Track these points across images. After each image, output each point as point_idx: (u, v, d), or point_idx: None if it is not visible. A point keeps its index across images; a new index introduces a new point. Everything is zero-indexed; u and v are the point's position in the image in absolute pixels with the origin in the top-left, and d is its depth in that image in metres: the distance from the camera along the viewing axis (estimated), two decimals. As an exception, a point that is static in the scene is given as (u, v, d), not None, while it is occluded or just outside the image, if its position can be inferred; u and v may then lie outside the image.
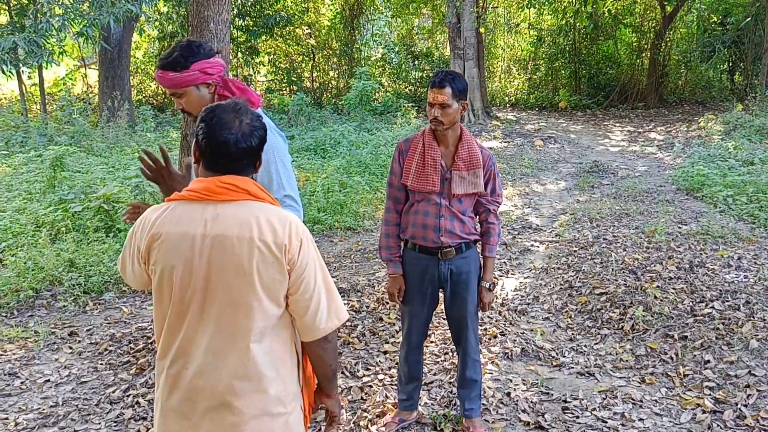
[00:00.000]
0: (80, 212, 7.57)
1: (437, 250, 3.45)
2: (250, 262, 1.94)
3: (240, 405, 1.99)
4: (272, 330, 2.02)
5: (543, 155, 13.08)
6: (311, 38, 22.90)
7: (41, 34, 13.96)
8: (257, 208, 1.99)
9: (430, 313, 3.67)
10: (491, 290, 3.60)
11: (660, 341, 4.72)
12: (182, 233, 1.97)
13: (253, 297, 1.96)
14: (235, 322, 1.98)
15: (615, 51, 21.73)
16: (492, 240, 3.55)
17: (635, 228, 7.43)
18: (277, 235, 1.96)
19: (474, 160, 3.39)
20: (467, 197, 3.43)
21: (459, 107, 3.31)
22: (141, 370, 4.51)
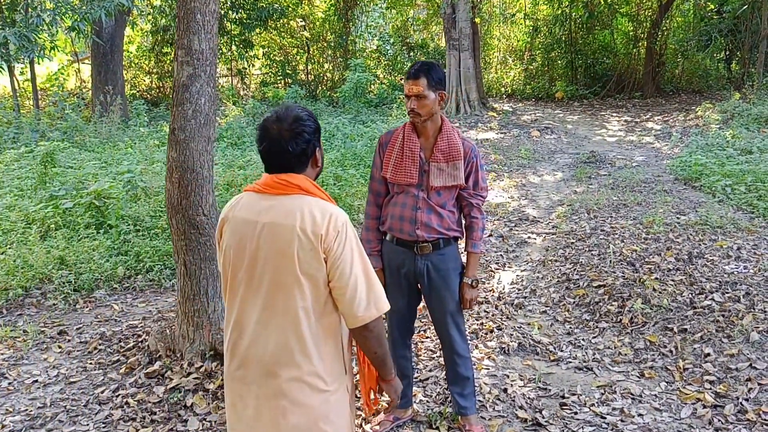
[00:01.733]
0: (71, 209, 7.47)
1: (413, 243, 3.37)
2: (291, 247, 2.17)
3: (282, 373, 2.23)
4: (315, 312, 2.22)
5: (540, 146, 12.98)
6: (306, 30, 22.74)
7: (32, 29, 13.83)
8: (305, 201, 2.22)
9: (411, 308, 3.59)
10: (474, 287, 3.48)
11: (659, 334, 4.64)
12: (243, 219, 2.27)
13: (294, 279, 2.18)
14: (279, 300, 2.21)
15: (611, 40, 21.57)
16: (475, 235, 3.46)
17: (633, 219, 7.35)
18: (315, 225, 2.16)
19: (454, 151, 3.31)
20: (446, 190, 3.35)
21: (436, 97, 3.24)
22: (131, 369, 4.42)
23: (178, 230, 4.36)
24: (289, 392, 2.23)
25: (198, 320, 4.43)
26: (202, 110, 4.28)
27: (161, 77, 21.57)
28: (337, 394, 2.31)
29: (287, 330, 2.21)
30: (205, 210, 4.35)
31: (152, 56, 21.43)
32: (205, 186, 4.35)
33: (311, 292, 2.20)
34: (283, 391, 2.23)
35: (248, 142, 13.00)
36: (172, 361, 4.42)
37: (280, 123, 2.26)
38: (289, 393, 2.23)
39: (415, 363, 4.47)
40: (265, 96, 19.78)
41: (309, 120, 2.29)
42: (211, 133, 4.37)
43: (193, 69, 4.26)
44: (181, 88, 4.26)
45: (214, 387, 4.10)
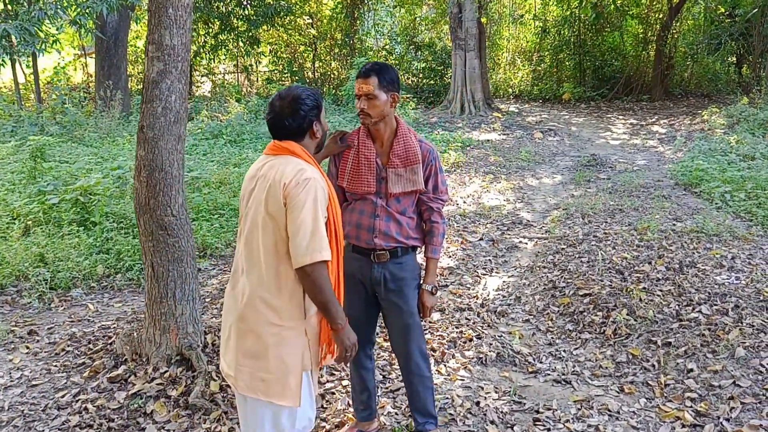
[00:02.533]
0: (57, 204, 7.37)
1: (370, 251, 3.22)
2: (264, 192, 2.60)
3: (244, 298, 2.66)
4: (278, 251, 2.59)
5: (541, 148, 12.80)
6: (312, 28, 22.63)
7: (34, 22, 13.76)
8: (289, 160, 2.65)
9: (369, 316, 3.41)
10: (433, 294, 3.34)
11: (642, 347, 4.47)
12: (249, 175, 2.76)
13: (262, 219, 2.60)
14: (253, 236, 2.65)
15: (620, 42, 21.35)
16: (435, 240, 3.31)
17: (628, 225, 7.17)
18: (284, 176, 2.56)
19: (411, 155, 3.16)
20: (406, 196, 3.21)
21: (388, 99, 3.08)
22: (95, 372, 4.30)
23: (146, 231, 4.23)
24: (247, 316, 2.64)
25: (165, 324, 4.31)
26: (172, 107, 4.15)
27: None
28: (290, 332, 2.63)
29: (254, 262, 2.64)
30: (174, 210, 4.22)
31: (159, 51, 21.30)
32: (175, 186, 4.22)
33: (274, 233, 2.58)
34: (243, 315, 2.64)
35: (247, 140, 12.89)
36: (137, 365, 4.30)
37: (282, 100, 2.71)
38: (247, 317, 2.64)
39: (387, 372, 4.33)
40: (269, 93, 19.66)
41: (308, 99, 2.70)
42: (181, 131, 4.24)
43: (164, 65, 4.12)
44: (151, 85, 4.12)
45: (177, 394, 3.97)
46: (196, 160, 10.42)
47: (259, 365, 2.64)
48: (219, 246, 6.79)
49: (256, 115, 16.05)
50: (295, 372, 2.66)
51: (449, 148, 11.93)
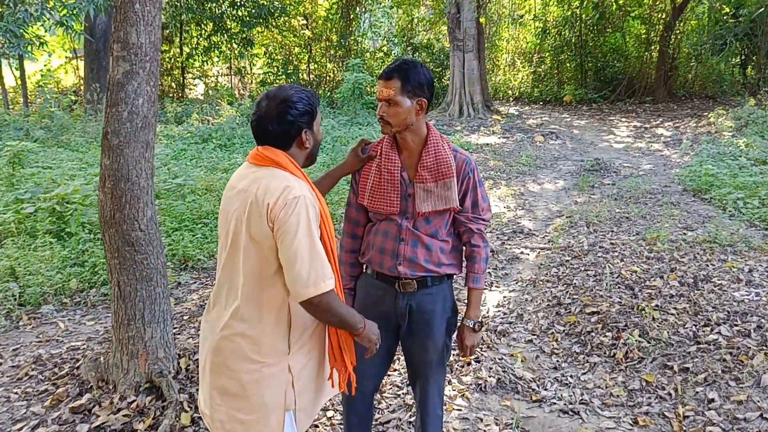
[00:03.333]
0: (33, 213, 6.99)
1: (395, 279, 2.77)
2: (246, 212, 2.25)
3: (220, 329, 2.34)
4: (260, 279, 2.27)
5: (543, 152, 12.42)
6: (307, 29, 22.26)
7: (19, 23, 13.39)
8: (273, 173, 2.28)
9: (386, 358, 2.94)
10: (476, 331, 2.86)
11: (657, 373, 4.08)
12: (229, 185, 2.42)
13: (244, 242, 2.27)
14: (232, 260, 2.33)
15: (623, 43, 20.97)
16: (477, 267, 2.81)
17: (636, 234, 6.79)
18: (268, 194, 2.20)
19: (443, 167, 2.67)
20: (437, 215, 2.72)
21: (413, 106, 2.60)
22: (57, 401, 3.91)
23: (112, 247, 3.85)
24: (222, 349, 2.33)
25: (133, 348, 3.93)
26: (139, 112, 3.77)
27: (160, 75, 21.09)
28: (272, 369, 2.31)
29: (233, 287, 2.34)
30: (142, 224, 3.84)
31: (152, 53, 20.94)
32: (143, 197, 3.84)
33: (257, 258, 2.26)
34: (219, 348, 2.33)
35: (238, 144, 12.52)
36: (102, 393, 3.91)
37: (269, 101, 2.33)
38: (222, 350, 2.33)
39: (377, 401, 3.94)
40: (262, 96, 19.23)
41: (300, 102, 2.32)
42: (149, 137, 3.86)
43: (130, 65, 3.74)
44: (116, 87, 3.75)
45: (144, 427, 3.59)
46: (182, 165, 10.03)
47: (236, 405, 2.35)
48: (201, 258, 6.39)
49: (248, 119, 15.66)
50: (277, 412, 2.35)
51: (447, 152, 11.53)
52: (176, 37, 20.29)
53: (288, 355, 2.34)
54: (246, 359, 2.31)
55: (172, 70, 21.09)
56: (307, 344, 2.40)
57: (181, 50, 20.51)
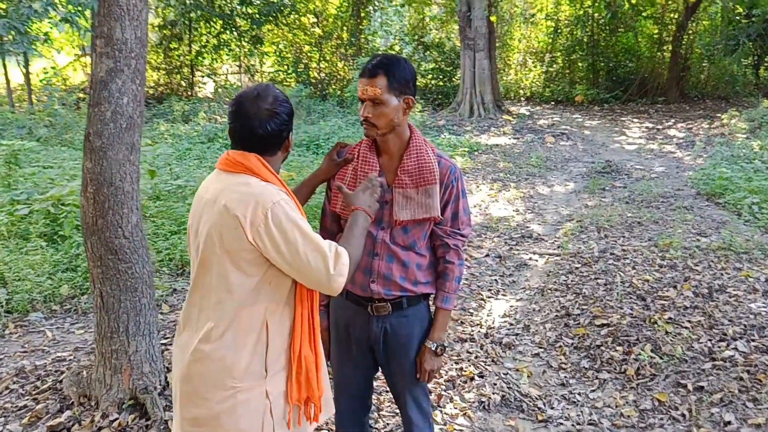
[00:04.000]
0: (27, 215, 6.81)
1: (367, 301, 2.54)
2: (217, 225, 2.05)
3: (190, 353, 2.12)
4: (236, 296, 2.06)
5: (553, 153, 12.16)
6: (317, 27, 22.07)
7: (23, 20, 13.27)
8: (244, 180, 2.07)
9: (365, 379, 2.73)
10: (439, 354, 2.60)
11: (670, 392, 3.85)
12: (198, 195, 2.19)
13: (216, 258, 2.07)
14: (204, 276, 2.12)
15: (635, 43, 20.66)
16: (448, 286, 2.58)
17: (648, 240, 6.54)
18: (241, 205, 2.00)
19: (425, 173, 2.45)
20: (416, 225, 2.49)
21: (400, 104, 2.39)
22: (37, 419, 3.71)
23: (94, 255, 3.65)
24: (191, 376, 2.13)
25: (116, 362, 3.73)
26: (123, 112, 3.57)
27: (169, 73, 21.04)
28: (246, 394, 2.10)
29: (204, 310, 2.13)
30: (126, 231, 3.64)
31: (161, 51, 20.88)
32: (127, 203, 3.64)
33: (234, 274, 2.06)
34: (189, 374, 2.14)
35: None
36: (84, 410, 3.71)
37: (260, 101, 2.09)
38: (191, 377, 2.13)
39: (374, 420, 3.73)
40: (272, 94, 19.05)
41: (286, 103, 2.16)
42: (135, 139, 3.66)
43: (114, 62, 3.54)
44: (99, 85, 3.55)
45: (125, 447, 3.39)
46: (186, 165, 9.84)
47: None
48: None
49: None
50: None
51: (456, 153, 11.32)
52: (185, 35, 20.15)
53: (265, 378, 2.13)
54: (218, 385, 2.10)
55: (181, 68, 20.99)
56: (284, 369, 2.19)
57: (190, 48, 20.39)
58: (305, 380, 2.19)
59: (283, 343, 2.16)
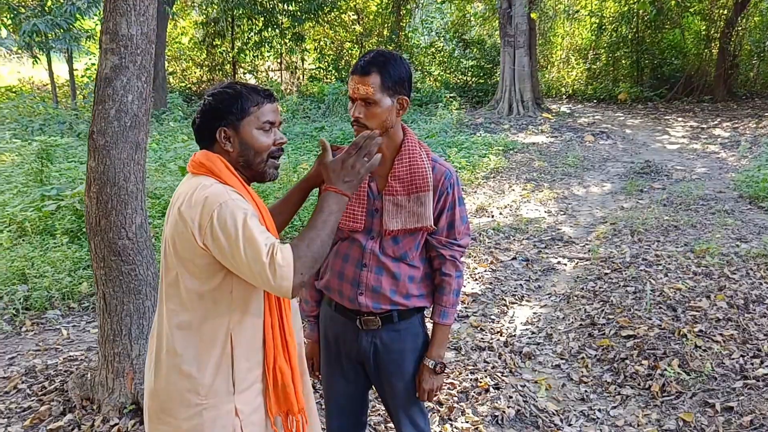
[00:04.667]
0: (54, 212, 6.84)
1: (355, 314, 2.39)
2: (173, 230, 1.95)
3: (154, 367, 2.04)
4: (199, 310, 1.95)
5: (591, 152, 11.84)
6: (358, 24, 22.00)
7: (66, 17, 13.45)
8: (201, 182, 1.94)
9: (358, 395, 2.57)
10: (438, 373, 2.42)
11: (696, 411, 3.61)
12: (173, 200, 2.02)
13: (173, 264, 1.96)
14: (164, 285, 2.01)
15: (681, 40, 20.08)
16: (445, 300, 2.41)
17: (683, 245, 6.26)
18: (189, 208, 1.89)
19: (418, 179, 2.29)
20: (407, 235, 2.33)
21: (393, 105, 2.21)
22: (39, 421, 3.66)
23: (97, 256, 3.58)
24: (159, 393, 2.02)
25: (119, 366, 3.65)
26: (128, 110, 3.48)
27: (211, 70, 21.23)
28: (213, 411, 1.97)
29: (165, 319, 2.00)
30: (130, 232, 3.56)
31: (204, 48, 21.07)
32: (131, 203, 3.55)
33: (189, 282, 1.93)
34: (155, 391, 2.03)
35: (278, 141, 12.26)
36: (85, 414, 3.65)
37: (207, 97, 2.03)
38: (159, 394, 2.02)
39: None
40: (311, 92, 19.07)
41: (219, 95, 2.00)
42: (140, 137, 3.57)
43: (119, 58, 3.45)
44: (103, 82, 3.47)
45: (123, 454, 3.31)
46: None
47: None
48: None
49: (293, 114, 15.48)
50: None
51: (490, 152, 11.09)
52: (228, 32, 20.28)
53: (233, 395, 1.99)
54: (183, 402, 1.97)
55: (223, 65, 21.15)
56: (259, 383, 2.04)
57: (232, 45, 20.50)
58: (282, 394, 2.05)
59: (254, 356, 2.02)
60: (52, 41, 13.69)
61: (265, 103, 2.03)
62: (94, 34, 15.62)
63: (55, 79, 16.46)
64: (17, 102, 15.47)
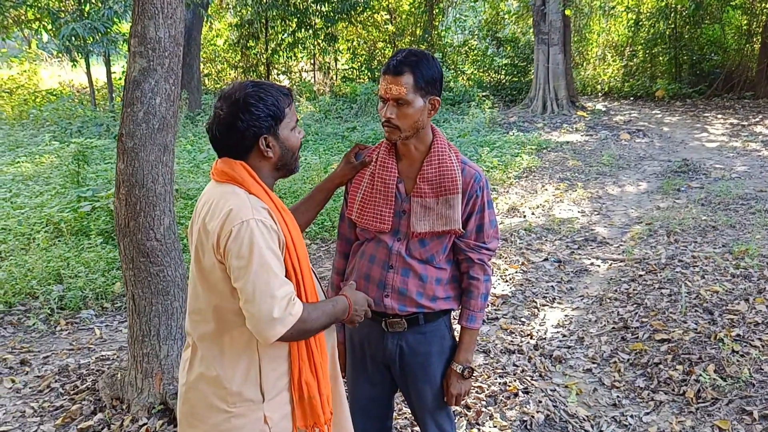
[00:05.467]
0: (90, 213, 6.95)
1: (381, 316, 2.36)
2: (197, 241, 1.95)
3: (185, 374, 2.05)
4: (223, 320, 1.94)
5: (627, 151, 11.63)
6: (391, 24, 21.97)
7: (103, 21, 13.66)
8: (225, 192, 1.93)
9: (383, 399, 2.56)
10: (466, 377, 2.40)
11: (733, 419, 3.51)
12: (198, 207, 2.02)
13: (197, 276, 1.97)
14: (192, 294, 2.02)
15: (721, 35, 19.63)
16: (473, 303, 2.38)
17: (722, 246, 6.11)
18: (213, 219, 1.89)
19: (447, 181, 2.26)
20: (434, 238, 2.30)
21: (425, 105, 2.19)
22: (70, 420, 3.71)
23: (126, 257, 3.61)
24: (190, 398, 2.03)
25: (148, 366, 3.68)
26: (156, 112, 3.51)
27: (246, 71, 21.38)
28: (242, 419, 1.96)
29: (194, 327, 2.02)
30: (158, 234, 3.58)
31: (238, 50, 21.24)
32: (159, 205, 3.58)
33: (213, 294, 1.94)
34: (187, 396, 2.04)
35: (311, 141, 12.33)
36: (115, 414, 3.68)
37: (222, 103, 1.96)
38: (190, 399, 2.03)
39: (407, 436, 3.55)
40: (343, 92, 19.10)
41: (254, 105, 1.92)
42: (168, 140, 3.59)
43: (148, 61, 3.48)
44: (132, 85, 3.50)
45: (151, 455, 3.33)
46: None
47: None
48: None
49: (326, 115, 15.52)
50: None
51: (522, 152, 10.96)
52: (261, 34, 20.41)
53: (263, 403, 1.97)
54: (213, 408, 1.97)
55: (257, 66, 21.29)
56: (287, 390, 2.03)
57: (266, 46, 20.63)
58: (309, 407, 2.04)
59: (280, 366, 2.01)
60: (91, 45, 13.91)
61: (290, 102, 2.03)
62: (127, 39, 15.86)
63: (94, 82, 16.72)
64: (57, 105, 15.77)
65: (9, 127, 13.96)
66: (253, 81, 1.99)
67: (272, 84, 2.00)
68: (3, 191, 8.37)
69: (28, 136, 12.93)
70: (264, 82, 1.99)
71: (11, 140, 12.42)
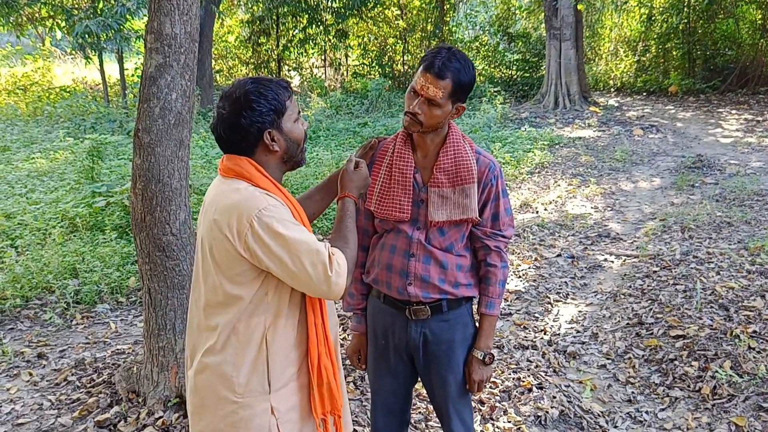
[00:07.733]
0: (104, 208, 6.99)
1: (405, 304, 2.40)
2: (208, 235, 1.97)
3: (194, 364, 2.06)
4: (235, 311, 1.96)
5: (640, 147, 11.57)
6: (401, 19, 21.93)
7: (117, 18, 13.72)
8: (233, 187, 1.97)
9: (403, 390, 2.57)
10: (487, 363, 2.44)
11: (749, 416, 3.49)
12: (206, 203, 2.06)
13: (208, 268, 2.00)
14: (200, 287, 2.04)
15: (735, 30, 19.47)
16: (491, 290, 2.40)
17: (737, 242, 6.07)
18: (225, 215, 1.92)
19: (463, 171, 2.30)
20: (453, 226, 2.33)
21: (452, 110, 2.25)
22: (87, 412, 3.74)
23: (143, 251, 3.64)
24: (199, 389, 2.05)
25: (163, 360, 3.70)
26: (172, 108, 3.52)
27: (257, 67, 21.42)
28: (249, 410, 1.99)
29: (203, 318, 2.03)
30: (174, 228, 3.60)
31: (249, 46, 21.29)
32: (175, 199, 3.60)
33: (227, 286, 1.96)
34: (196, 387, 2.06)
35: (322, 137, 12.34)
36: (131, 407, 3.71)
37: (224, 101, 1.99)
38: (199, 390, 2.05)
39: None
40: (354, 88, 19.10)
41: (256, 101, 1.95)
42: (184, 135, 3.61)
43: (164, 57, 3.50)
44: (148, 81, 3.52)
45: (167, 447, 3.35)
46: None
47: None
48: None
49: (337, 110, 15.53)
50: None
51: (534, 147, 10.93)
52: (273, 30, 20.44)
53: (269, 394, 2.01)
54: (220, 400, 2.01)
55: (268, 63, 21.32)
56: (294, 381, 2.06)
57: (277, 42, 20.66)
58: (327, 392, 2.07)
59: (289, 355, 2.04)
60: (104, 42, 13.98)
61: (290, 94, 2.06)
62: (143, 35, 15.88)
63: (107, 79, 16.82)
64: (71, 101, 15.87)
65: (24, 124, 14.07)
66: (252, 78, 2.02)
67: (271, 79, 2.03)
68: (19, 187, 8.45)
69: (43, 132, 13.03)
70: (262, 78, 2.02)
71: (26, 137, 12.53)
